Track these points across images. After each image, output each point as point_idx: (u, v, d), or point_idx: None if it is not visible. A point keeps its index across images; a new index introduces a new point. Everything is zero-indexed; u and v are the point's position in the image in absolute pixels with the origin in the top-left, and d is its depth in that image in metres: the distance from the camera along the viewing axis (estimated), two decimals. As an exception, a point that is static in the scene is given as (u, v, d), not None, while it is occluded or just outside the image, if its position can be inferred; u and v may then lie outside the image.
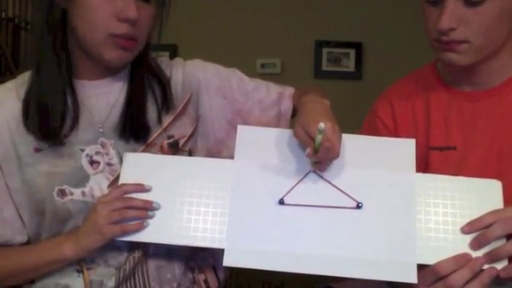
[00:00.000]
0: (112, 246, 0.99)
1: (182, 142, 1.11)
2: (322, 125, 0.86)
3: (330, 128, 0.90)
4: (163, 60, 1.17)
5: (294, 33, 3.13)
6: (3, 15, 3.02)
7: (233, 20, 3.16)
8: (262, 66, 3.14)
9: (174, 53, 3.14)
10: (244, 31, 3.14)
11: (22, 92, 1.04)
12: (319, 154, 0.91)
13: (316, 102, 1.02)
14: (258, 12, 3.16)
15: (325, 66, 3.15)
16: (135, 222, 0.95)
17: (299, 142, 0.97)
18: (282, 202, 0.97)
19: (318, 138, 0.88)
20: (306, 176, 0.99)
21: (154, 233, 0.96)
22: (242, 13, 3.16)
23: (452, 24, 0.98)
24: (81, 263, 1.03)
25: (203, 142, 1.15)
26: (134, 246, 1.02)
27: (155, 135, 1.08)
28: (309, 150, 0.92)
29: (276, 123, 1.18)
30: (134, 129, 1.05)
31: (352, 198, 0.97)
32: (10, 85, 1.08)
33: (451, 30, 0.99)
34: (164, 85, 1.11)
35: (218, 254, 1.04)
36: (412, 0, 1.13)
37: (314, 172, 0.99)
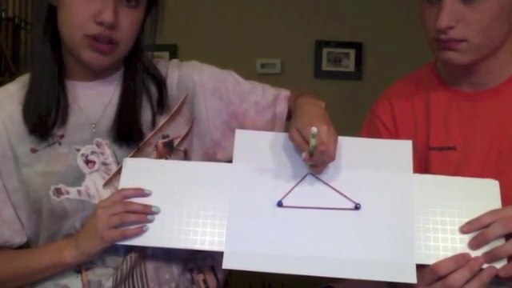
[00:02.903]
0: (110, 246, 0.99)
1: (176, 142, 1.11)
2: (314, 129, 0.87)
3: (325, 131, 0.91)
4: (159, 61, 1.17)
5: (294, 33, 3.12)
6: (3, 15, 3.01)
7: (233, 20, 3.16)
8: (262, 66, 3.14)
9: (173, 53, 3.14)
10: (244, 31, 3.14)
11: (22, 94, 1.06)
12: (314, 157, 0.92)
13: (311, 104, 1.02)
14: (258, 12, 3.16)
15: (325, 66, 3.15)
16: (135, 226, 0.96)
17: (295, 145, 0.98)
18: (280, 205, 0.97)
19: (312, 141, 0.89)
20: (303, 179, 0.99)
21: (153, 237, 0.96)
22: (242, 13, 3.16)
23: (450, 22, 0.98)
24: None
25: (199, 142, 1.15)
26: (131, 247, 1.02)
27: (150, 135, 1.08)
28: (305, 154, 0.92)
29: (271, 125, 1.19)
30: (127, 133, 1.06)
31: (350, 199, 0.97)
32: (10, 87, 1.10)
33: (450, 29, 0.99)
34: (160, 85, 1.11)
35: (216, 254, 1.04)
36: (412, 0, 1.13)
37: (312, 174, 0.99)
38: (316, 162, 0.94)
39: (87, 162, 1.05)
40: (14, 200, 1.06)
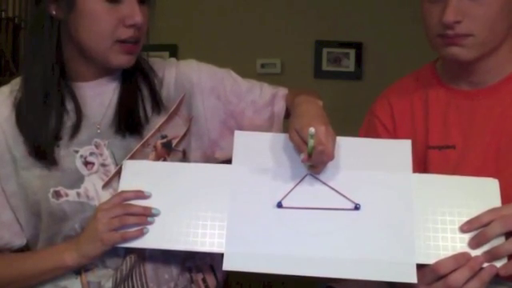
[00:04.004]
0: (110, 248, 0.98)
1: (175, 142, 1.11)
2: (312, 129, 0.87)
3: (323, 131, 0.91)
4: (156, 60, 1.17)
5: (294, 33, 3.12)
6: (3, 15, 3.02)
7: (233, 20, 3.16)
8: (262, 66, 3.14)
9: (174, 53, 3.14)
10: (244, 31, 3.14)
11: (14, 97, 1.05)
12: (313, 157, 0.92)
13: (309, 103, 1.02)
14: (259, 12, 3.15)
15: (325, 66, 3.14)
16: (135, 228, 0.96)
17: (294, 146, 0.98)
18: (280, 205, 0.97)
19: (310, 142, 0.88)
20: (303, 179, 0.99)
21: (153, 239, 0.96)
22: (242, 13, 3.16)
23: (457, 17, 0.98)
24: (79, 264, 1.03)
25: (197, 142, 1.15)
26: (131, 248, 1.01)
27: (149, 135, 1.08)
28: (303, 155, 0.92)
29: (269, 124, 1.18)
30: (128, 122, 1.06)
31: (350, 199, 0.97)
32: (4, 89, 1.09)
33: (456, 23, 0.99)
34: (153, 87, 1.11)
35: (216, 254, 1.04)
36: (412, 0, 1.13)
37: (311, 175, 0.99)
38: (315, 162, 0.94)
39: (86, 163, 1.05)
40: (13, 203, 1.06)
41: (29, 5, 3.10)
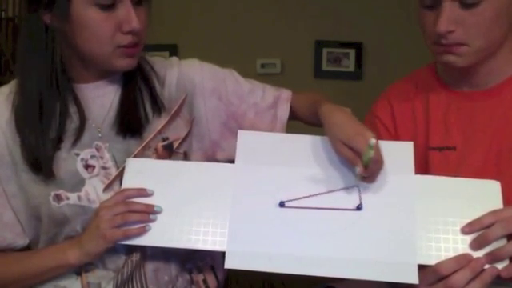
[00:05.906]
0: (110, 248, 0.98)
1: (176, 144, 1.10)
2: (373, 140, 0.87)
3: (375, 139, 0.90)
4: (157, 60, 1.16)
5: (294, 33, 3.12)
6: (3, 15, 3.01)
7: (233, 20, 3.16)
8: (262, 66, 3.14)
9: (174, 53, 3.13)
10: (244, 31, 3.14)
11: (15, 98, 1.04)
12: (370, 168, 0.92)
13: (341, 112, 1.00)
14: (259, 12, 3.15)
15: (325, 66, 3.14)
16: (137, 226, 0.96)
17: (344, 158, 0.96)
18: (282, 205, 0.97)
19: (370, 153, 0.88)
20: (351, 187, 0.98)
21: (155, 236, 0.96)
22: (242, 13, 3.16)
23: (450, 27, 0.98)
24: (79, 265, 1.02)
25: (198, 143, 1.15)
26: (131, 249, 1.02)
27: (150, 137, 1.08)
28: (359, 168, 0.91)
29: (271, 127, 1.17)
30: (130, 123, 1.05)
31: (352, 199, 0.97)
32: (4, 90, 1.08)
33: (449, 33, 0.99)
34: (153, 88, 1.10)
35: (216, 253, 1.04)
36: (412, 0, 1.13)
37: (356, 186, 0.99)
38: (371, 172, 0.94)
39: (87, 166, 1.04)
40: (14, 204, 1.06)
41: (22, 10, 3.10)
